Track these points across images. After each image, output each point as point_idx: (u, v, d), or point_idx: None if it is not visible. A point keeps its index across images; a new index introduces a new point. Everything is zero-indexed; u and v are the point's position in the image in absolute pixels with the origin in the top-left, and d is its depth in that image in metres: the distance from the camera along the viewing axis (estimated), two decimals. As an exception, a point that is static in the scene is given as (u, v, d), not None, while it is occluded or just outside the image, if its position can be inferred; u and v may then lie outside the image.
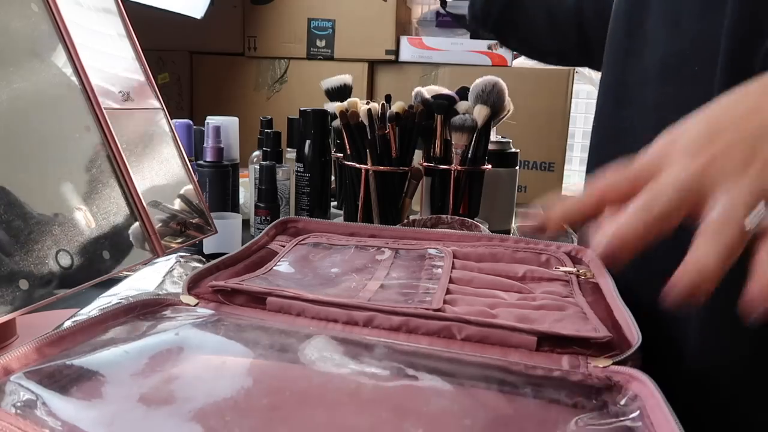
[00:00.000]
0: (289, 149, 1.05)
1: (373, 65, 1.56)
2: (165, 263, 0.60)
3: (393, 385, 0.32)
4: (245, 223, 0.94)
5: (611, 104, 0.57)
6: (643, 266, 0.50)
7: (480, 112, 0.88)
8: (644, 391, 0.31)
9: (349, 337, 0.38)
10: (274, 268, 0.51)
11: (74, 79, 0.54)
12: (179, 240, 0.61)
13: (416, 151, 0.90)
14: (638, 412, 0.30)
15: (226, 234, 0.76)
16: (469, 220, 0.77)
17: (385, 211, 0.87)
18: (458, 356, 0.36)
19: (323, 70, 1.41)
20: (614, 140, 0.56)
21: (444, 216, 0.78)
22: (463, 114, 0.88)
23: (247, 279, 0.48)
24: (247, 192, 1.03)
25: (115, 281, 0.55)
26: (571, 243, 0.56)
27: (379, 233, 0.60)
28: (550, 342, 0.39)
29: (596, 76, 1.91)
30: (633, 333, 0.38)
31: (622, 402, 0.32)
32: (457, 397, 0.31)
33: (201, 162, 0.87)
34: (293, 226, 0.62)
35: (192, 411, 0.28)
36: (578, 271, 0.52)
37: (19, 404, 0.28)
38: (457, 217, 0.77)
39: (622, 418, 0.30)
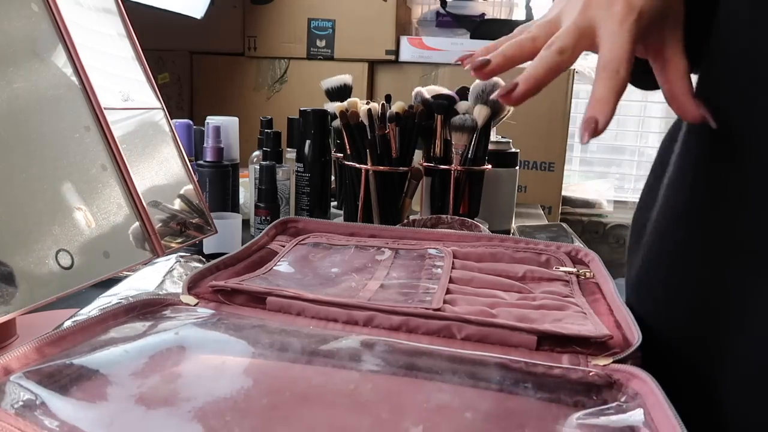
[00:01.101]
0: (289, 149, 1.05)
1: (373, 65, 1.56)
2: (165, 263, 0.60)
3: (393, 382, 0.32)
4: (245, 223, 0.94)
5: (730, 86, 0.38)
6: (644, 276, 0.49)
7: (480, 112, 0.88)
8: (645, 389, 0.31)
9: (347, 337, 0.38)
10: (274, 268, 0.51)
11: (74, 79, 0.54)
12: (179, 240, 0.61)
13: (416, 151, 0.90)
14: (639, 409, 0.30)
15: (226, 234, 0.76)
16: (469, 220, 0.77)
17: (385, 211, 0.87)
18: (459, 353, 0.36)
19: (323, 70, 1.41)
20: (747, 136, 0.36)
21: (444, 216, 0.78)
22: (463, 114, 0.88)
23: (247, 279, 0.48)
24: (247, 192, 1.03)
25: (115, 281, 0.55)
26: (571, 243, 0.56)
27: (379, 233, 0.60)
28: (550, 341, 0.39)
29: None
30: (633, 332, 0.38)
31: (623, 399, 0.32)
32: (457, 393, 0.31)
33: (201, 162, 0.87)
34: (293, 226, 0.62)
35: (192, 411, 0.28)
36: (578, 271, 0.52)
37: (18, 404, 0.28)
38: (457, 217, 0.77)
39: (622, 416, 0.30)
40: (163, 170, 0.62)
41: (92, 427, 0.27)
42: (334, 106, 0.92)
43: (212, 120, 0.90)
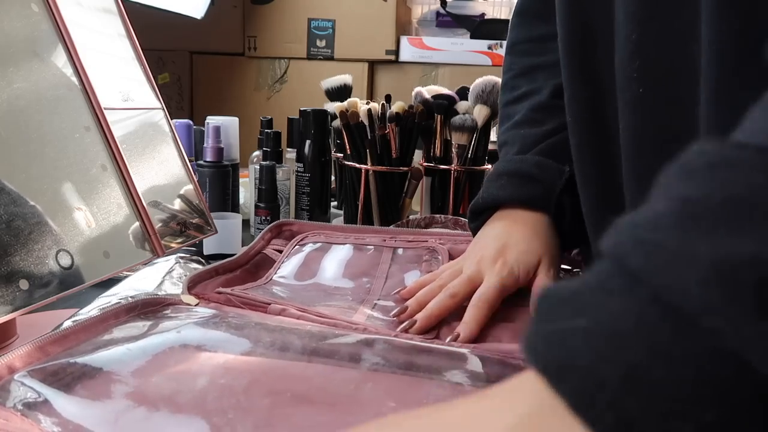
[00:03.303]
0: (289, 149, 1.05)
1: (373, 65, 1.56)
2: (165, 263, 0.60)
3: (393, 380, 0.32)
4: (245, 223, 0.94)
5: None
6: None
7: (480, 112, 0.88)
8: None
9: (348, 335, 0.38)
10: (274, 277, 0.52)
11: (74, 79, 0.54)
12: (179, 240, 0.61)
13: (416, 151, 0.90)
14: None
15: (226, 234, 0.76)
16: (463, 219, 0.77)
17: (385, 211, 0.87)
18: (458, 351, 0.36)
19: (323, 70, 1.41)
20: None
21: (437, 216, 0.78)
22: (463, 114, 0.88)
23: (250, 289, 0.48)
24: (247, 192, 1.03)
25: (115, 281, 0.55)
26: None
27: (375, 233, 0.60)
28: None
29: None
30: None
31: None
32: (457, 391, 0.31)
33: (201, 162, 0.87)
34: (288, 229, 0.62)
35: (195, 409, 0.28)
36: (577, 270, 0.52)
37: (23, 403, 0.28)
38: (451, 217, 0.78)
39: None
40: (163, 170, 0.62)
41: (96, 426, 0.27)
42: (334, 106, 0.92)
43: (212, 120, 0.90)
